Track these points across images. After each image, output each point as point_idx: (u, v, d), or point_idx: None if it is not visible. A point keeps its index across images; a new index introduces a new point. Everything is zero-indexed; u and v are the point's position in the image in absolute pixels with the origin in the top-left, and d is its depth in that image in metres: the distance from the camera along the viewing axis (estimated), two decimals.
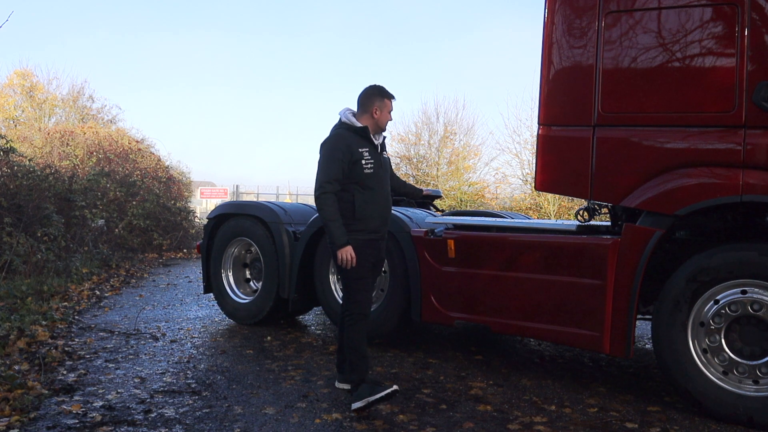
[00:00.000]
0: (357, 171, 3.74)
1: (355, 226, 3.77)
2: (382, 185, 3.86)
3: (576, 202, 13.91)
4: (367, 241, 3.81)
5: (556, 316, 4.09)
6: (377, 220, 3.83)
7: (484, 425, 3.48)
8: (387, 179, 3.96)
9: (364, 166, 3.74)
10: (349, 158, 3.71)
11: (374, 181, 3.79)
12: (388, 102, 3.88)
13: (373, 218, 3.80)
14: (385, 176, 3.91)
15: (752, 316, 3.49)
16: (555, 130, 4.15)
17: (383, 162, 3.92)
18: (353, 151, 3.72)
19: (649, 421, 3.57)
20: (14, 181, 8.78)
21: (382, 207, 3.86)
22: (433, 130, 21.58)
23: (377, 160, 3.83)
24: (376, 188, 3.81)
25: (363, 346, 3.80)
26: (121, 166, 14.56)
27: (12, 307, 6.07)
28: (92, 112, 23.03)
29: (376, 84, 3.92)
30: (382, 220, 3.88)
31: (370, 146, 3.81)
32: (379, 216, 3.85)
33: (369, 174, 3.76)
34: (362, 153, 3.74)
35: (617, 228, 4.19)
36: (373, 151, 3.83)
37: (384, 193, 3.89)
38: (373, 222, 3.80)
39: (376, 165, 3.81)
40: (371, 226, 3.80)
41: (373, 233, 3.82)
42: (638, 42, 3.86)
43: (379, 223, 3.86)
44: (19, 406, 3.58)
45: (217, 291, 6.26)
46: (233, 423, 3.45)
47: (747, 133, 3.55)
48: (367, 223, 3.78)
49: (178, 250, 13.60)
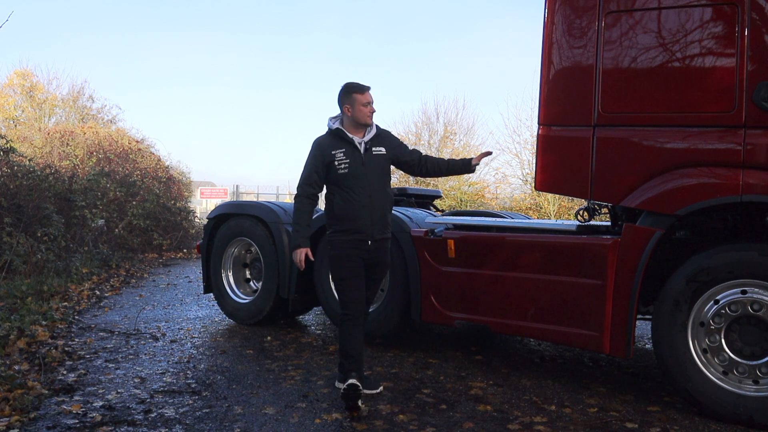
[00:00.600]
0: (332, 172, 3.83)
1: (337, 226, 3.85)
2: (362, 184, 3.82)
3: (576, 202, 13.91)
4: (350, 241, 3.81)
5: (556, 316, 4.09)
6: (360, 220, 3.80)
7: (484, 425, 3.48)
8: (374, 177, 3.87)
9: (338, 167, 3.80)
10: (322, 161, 3.83)
11: (352, 180, 3.80)
12: (357, 96, 3.85)
13: (354, 218, 3.79)
14: (370, 174, 3.85)
15: (752, 316, 3.49)
16: (555, 130, 4.15)
17: (370, 160, 3.87)
18: (326, 153, 3.83)
19: (649, 421, 3.57)
20: (14, 181, 8.78)
21: (364, 206, 3.81)
22: (433, 130, 21.61)
23: (356, 159, 3.83)
24: (356, 188, 3.80)
25: (349, 346, 3.83)
26: (121, 166, 14.57)
27: (12, 307, 6.07)
28: (92, 112, 23.07)
29: (346, 82, 3.91)
30: (366, 220, 3.82)
31: (347, 146, 3.84)
32: (362, 216, 3.81)
33: (344, 174, 3.80)
34: (335, 154, 3.81)
35: (617, 228, 4.19)
36: (352, 151, 3.84)
37: (367, 192, 3.82)
38: (355, 222, 3.79)
39: (353, 164, 3.81)
40: (353, 226, 3.80)
41: (356, 233, 3.81)
42: (638, 42, 3.86)
43: (363, 223, 3.81)
44: (19, 406, 3.58)
45: (217, 291, 6.26)
46: (233, 423, 3.45)
47: (747, 133, 3.55)
48: (348, 224, 3.80)
49: (178, 250, 13.60)
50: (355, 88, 3.87)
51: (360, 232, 3.82)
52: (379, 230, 3.89)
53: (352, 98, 3.85)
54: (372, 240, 3.86)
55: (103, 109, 23.34)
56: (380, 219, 3.89)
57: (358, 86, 3.88)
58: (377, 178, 3.91)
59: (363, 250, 3.85)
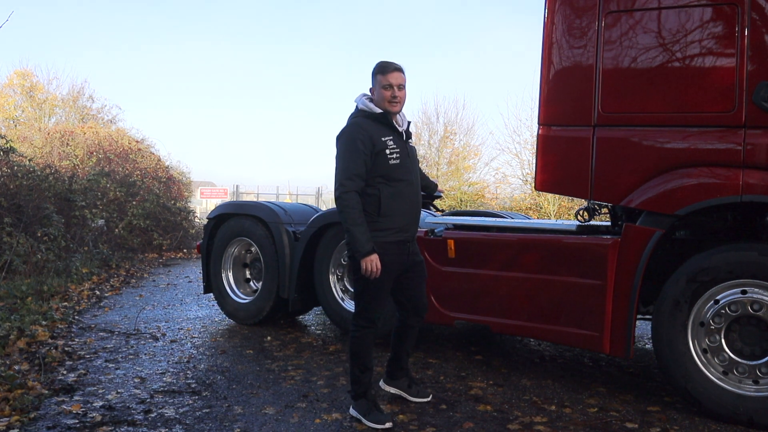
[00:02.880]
0: (381, 162, 3.33)
1: (381, 224, 3.36)
2: (411, 177, 3.45)
3: (576, 202, 13.91)
4: (395, 243, 3.41)
5: (556, 316, 4.09)
6: (406, 217, 3.43)
7: (484, 425, 3.48)
8: (416, 170, 3.55)
9: (389, 156, 3.33)
10: (371, 149, 3.30)
11: (402, 172, 3.38)
12: (381, 78, 3.39)
13: (401, 215, 3.40)
14: (413, 167, 3.50)
15: (752, 316, 3.49)
16: (555, 130, 4.15)
17: (410, 151, 3.52)
18: (375, 140, 3.32)
19: (649, 421, 3.57)
20: (14, 181, 8.79)
21: (411, 202, 3.45)
22: (433, 130, 21.63)
23: (403, 148, 3.43)
24: (405, 180, 3.40)
25: (368, 357, 3.50)
26: (121, 166, 14.56)
27: (12, 307, 6.07)
28: (92, 112, 23.09)
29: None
30: (411, 217, 3.47)
31: (394, 133, 3.42)
32: (409, 212, 3.44)
33: (396, 165, 3.35)
34: (386, 142, 3.34)
35: (617, 228, 4.19)
36: (398, 139, 3.43)
37: (414, 186, 3.47)
38: (401, 219, 3.40)
39: (402, 154, 3.40)
40: (399, 224, 3.40)
41: (401, 233, 3.41)
42: (638, 42, 3.86)
43: (409, 220, 3.45)
44: (19, 406, 3.58)
45: (217, 291, 6.26)
46: (233, 423, 3.45)
47: (747, 133, 3.55)
48: (395, 221, 3.38)
49: (178, 250, 13.60)
50: (380, 68, 3.41)
51: (406, 231, 3.44)
52: (416, 229, 3.57)
53: (377, 79, 3.41)
54: (411, 240, 3.52)
55: (103, 109, 23.38)
56: (419, 215, 3.57)
57: (381, 65, 3.42)
58: (416, 172, 3.56)
59: (404, 253, 3.47)
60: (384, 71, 3.39)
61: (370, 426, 3.39)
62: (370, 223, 3.35)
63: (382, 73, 3.39)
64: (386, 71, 3.38)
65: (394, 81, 3.37)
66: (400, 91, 3.40)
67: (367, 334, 3.48)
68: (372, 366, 3.54)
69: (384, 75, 3.38)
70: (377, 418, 3.40)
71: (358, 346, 3.49)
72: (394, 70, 3.39)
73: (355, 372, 3.51)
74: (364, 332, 3.48)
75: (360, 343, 3.49)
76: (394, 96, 3.38)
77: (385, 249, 3.36)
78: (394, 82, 3.37)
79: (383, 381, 3.93)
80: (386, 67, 3.40)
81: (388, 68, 3.39)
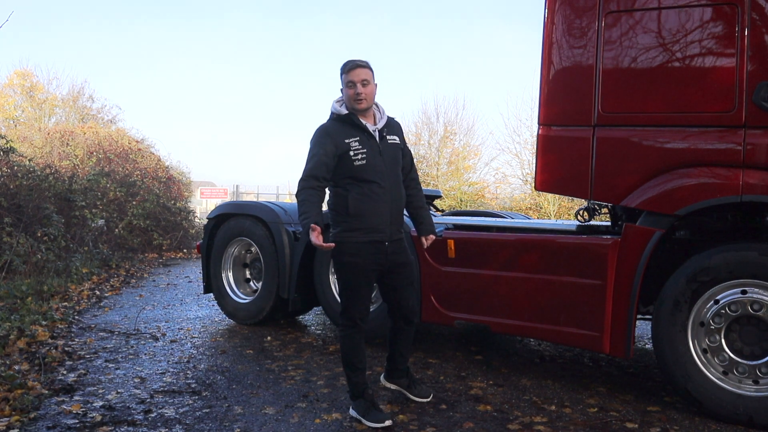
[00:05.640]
0: (346, 164, 3.34)
1: (352, 224, 3.35)
2: (383, 176, 3.38)
3: (576, 202, 13.91)
4: (368, 243, 3.37)
5: (556, 316, 4.09)
6: (379, 217, 3.36)
7: (484, 425, 3.48)
8: (392, 169, 3.45)
9: (353, 157, 3.32)
10: (334, 152, 3.32)
11: (370, 172, 3.34)
12: (344, 77, 3.37)
13: (372, 215, 3.34)
14: (388, 166, 3.42)
15: (752, 316, 3.49)
16: (555, 130, 4.15)
17: (386, 149, 3.44)
18: (338, 142, 3.33)
19: (649, 421, 3.56)
20: (14, 181, 8.79)
21: (384, 201, 3.37)
22: (433, 130, 21.64)
23: (372, 148, 3.38)
24: (375, 180, 3.35)
25: (357, 358, 3.48)
26: (121, 166, 14.57)
27: (12, 307, 6.07)
28: (92, 112, 23.11)
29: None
30: (386, 217, 3.38)
31: (361, 134, 3.38)
32: (382, 212, 3.37)
33: (361, 166, 3.33)
34: (349, 143, 3.33)
35: (617, 228, 4.19)
36: (367, 139, 3.39)
37: (387, 185, 3.39)
38: (372, 219, 3.34)
39: (370, 154, 3.35)
40: (370, 224, 3.34)
41: (374, 233, 3.36)
42: (638, 42, 3.86)
43: (382, 220, 3.37)
44: (19, 406, 3.58)
45: (217, 291, 6.26)
46: (233, 423, 3.45)
47: (747, 133, 3.55)
48: (366, 221, 3.34)
49: (178, 250, 13.60)
50: (341, 67, 3.39)
51: (379, 231, 3.38)
52: (396, 230, 3.47)
53: (341, 79, 3.39)
54: (389, 241, 3.44)
55: (103, 109, 23.40)
56: (398, 216, 3.48)
57: (344, 64, 3.39)
58: (393, 170, 3.47)
59: (380, 253, 3.41)
60: (345, 69, 3.38)
61: (369, 426, 3.39)
62: (342, 222, 3.39)
63: (344, 71, 3.38)
64: (347, 69, 3.37)
65: (356, 78, 3.34)
66: (365, 88, 3.35)
67: (352, 334, 3.49)
68: (363, 366, 3.53)
69: (346, 73, 3.36)
70: (376, 417, 3.41)
71: (345, 346, 3.52)
72: (355, 66, 3.35)
73: (347, 372, 3.55)
74: (348, 332, 3.50)
75: (347, 343, 3.51)
76: (357, 93, 3.34)
77: (357, 249, 3.37)
78: (356, 79, 3.34)
79: (383, 377, 3.96)
80: (347, 64, 3.38)
81: (348, 66, 3.37)
